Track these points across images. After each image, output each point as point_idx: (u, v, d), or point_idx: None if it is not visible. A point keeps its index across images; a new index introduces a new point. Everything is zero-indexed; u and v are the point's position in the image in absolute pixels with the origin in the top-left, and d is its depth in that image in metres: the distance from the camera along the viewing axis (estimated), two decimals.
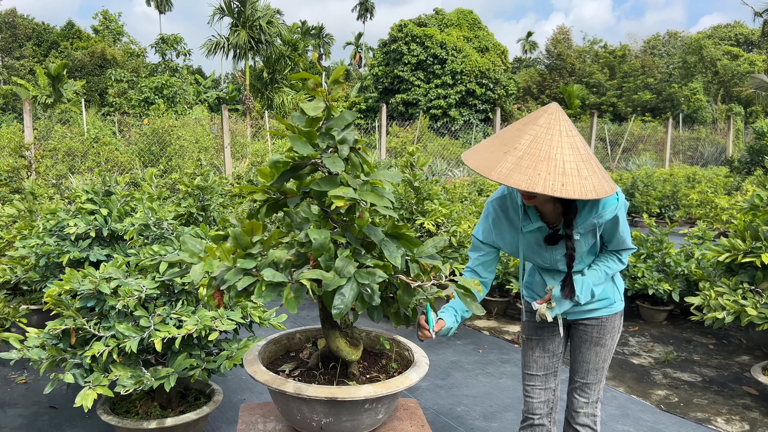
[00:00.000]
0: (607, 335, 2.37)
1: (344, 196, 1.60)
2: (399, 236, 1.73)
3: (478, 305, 1.73)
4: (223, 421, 3.39)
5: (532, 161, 1.82)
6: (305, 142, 1.70)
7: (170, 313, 2.78)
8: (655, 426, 3.36)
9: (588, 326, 2.38)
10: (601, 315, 2.35)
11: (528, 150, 1.84)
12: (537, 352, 2.47)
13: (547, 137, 1.87)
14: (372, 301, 1.61)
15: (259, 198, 1.80)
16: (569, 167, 1.83)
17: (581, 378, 2.44)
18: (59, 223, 3.87)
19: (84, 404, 2.48)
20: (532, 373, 2.49)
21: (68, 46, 37.12)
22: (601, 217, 2.10)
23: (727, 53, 35.69)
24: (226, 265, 1.57)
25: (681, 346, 4.70)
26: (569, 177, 1.81)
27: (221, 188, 6.47)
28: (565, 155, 1.85)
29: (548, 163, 1.82)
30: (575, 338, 2.44)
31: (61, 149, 11.74)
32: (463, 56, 30.02)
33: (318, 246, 1.59)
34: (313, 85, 1.75)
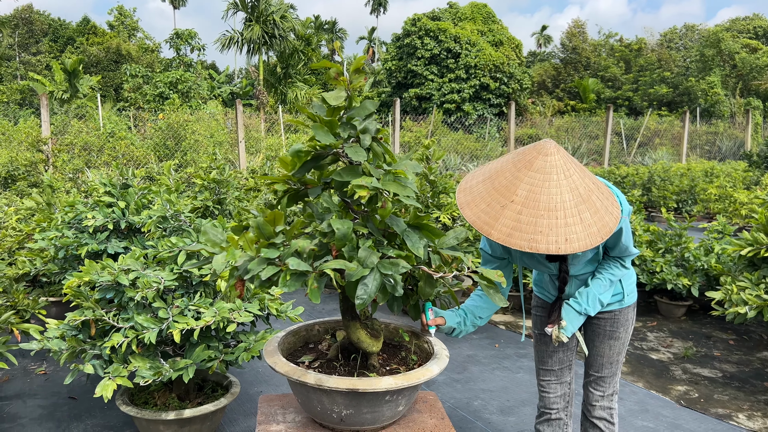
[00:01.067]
0: (621, 328, 2.36)
1: (367, 186, 1.59)
2: (421, 227, 1.72)
3: (501, 297, 1.70)
4: (240, 413, 3.40)
5: (532, 216, 1.77)
6: (327, 131, 1.68)
7: (188, 305, 2.78)
8: (675, 422, 3.32)
9: (601, 320, 2.36)
10: (614, 309, 2.34)
11: (526, 202, 1.79)
12: (551, 346, 2.45)
13: (544, 185, 1.81)
14: (395, 291, 1.60)
15: (280, 188, 1.79)
16: (570, 215, 1.79)
17: (596, 371, 2.42)
18: (77, 215, 3.89)
19: (104, 395, 2.49)
20: (547, 368, 2.48)
21: (84, 42, 37.41)
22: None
23: (745, 46, 35.19)
24: (249, 255, 1.56)
25: (700, 341, 4.64)
26: (572, 227, 1.78)
27: (237, 182, 6.49)
28: (565, 201, 1.80)
29: (549, 216, 1.77)
30: (589, 332, 2.42)
31: (77, 144, 11.83)
32: (477, 50, 29.86)
33: (341, 236, 1.58)
34: (334, 74, 1.73)
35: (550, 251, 1.75)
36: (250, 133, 16.55)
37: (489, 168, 1.98)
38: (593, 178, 1.94)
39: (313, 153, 1.73)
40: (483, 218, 1.84)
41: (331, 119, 1.70)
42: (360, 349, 1.92)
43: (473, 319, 2.25)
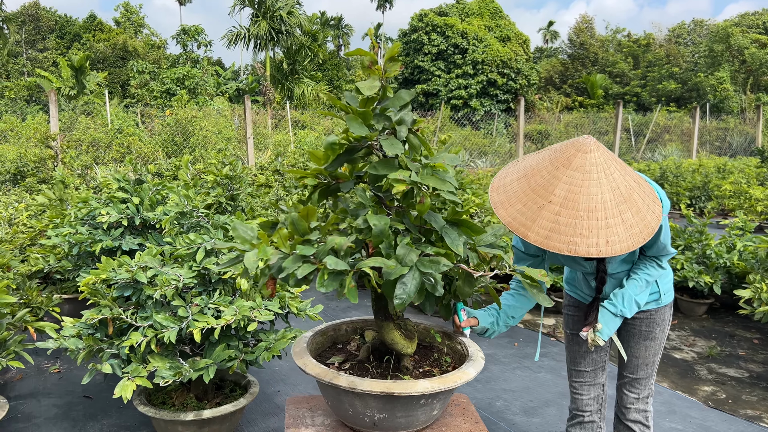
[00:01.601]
0: (657, 328, 2.28)
1: (405, 180, 1.51)
2: (460, 223, 1.64)
3: (545, 297, 1.62)
4: (258, 413, 3.33)
5: (571, 217, 1.70)
6: (361, 122, 1.61)
7: (208, 303, 2.72)
8: (704, 423, 3.24)
9: (636, 320, 2.27)
10: (650, 308, 2.26)
11: (565, 203, 1.72)
12: (584, 346, 2.37)
13: (584, 184, 1.73)
14: (435, 291, 1.52)
15: (310, 183, 1.71)
16: (611, 216, 1.71)
17: (631, 373, 2.34)
18: (91, 212, 3.83)
19: (123, 395, 2.43)
20: (580, 369, 2.40)
21: (90, 38, 37.43)
22: None
23: (755, 41, 34.89)
24: (282, 252, 1.49)
25: (724, 340, 4.55)
26: (613, 228, 1.70)
27: (248, 178, 6.42)
28: (606, 201, 1.72)
29: (589, 217, 1.70)
30: (623, 333, 2.33)
31: (85, 140, 11.80)
32: (485, 46, 29.71)
33: (378, 232, 1.50)
34: (368, 62, 1.65)
35: (591, 254, 1.68)
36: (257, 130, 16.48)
37: (523, 165, 1.90)
38: (634, 175, 1.86)
39: (347, 146, 1.65)
40: (519, 219, 1.76)
41: (364, 110, 1.62)
42: (394, 350, 1.85)
43: (506, 318, 2.17)
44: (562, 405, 3.45)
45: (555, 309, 5.28)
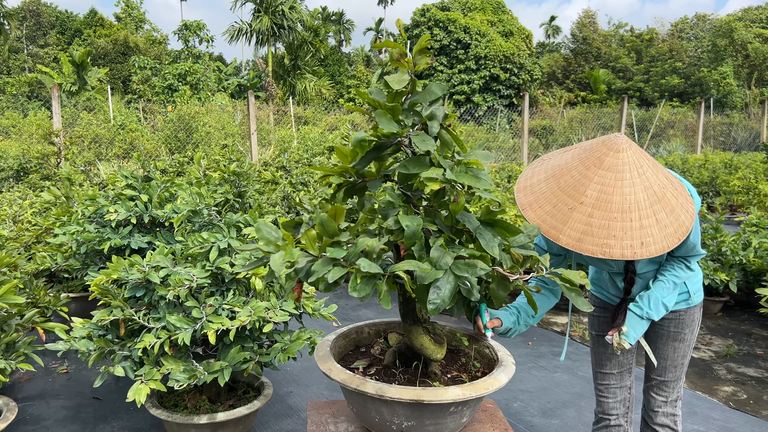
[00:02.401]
0: (686, 329, 2.20)
1: (438, 178, 1.44)
2: (494, 223, 1.56)
3: (584, 301, 1.55)
4: (271, 414, 3.27)
5: (604, 219, 1.65)
6: (390, 118, 1.53)
7: (222, 304, 2.65)
8: (727, 425, 3.17)
9: (665, 320, 2.20)
10: (679, 308, 2.18)
11: (597, 204, 1.67)
12: (610, 349, 2.30)
13: (617, 184, 1.68)
14: (470, 296, 1.45)
15: (335, 181, 1.64)
16: (645, 216, 1.66)
17: (659, 375, 2.26)
18: (99, 209, 3.76)
19: (137, 399, 2.36)
20: (606, 372, 2.33)
21: (91, 34, 37.30)
22: None
23: (758, 36, 34.73)
24: (310, 255, 1.41)
25: (741, 339, 4.48)
26: (647, 230, 1.66)
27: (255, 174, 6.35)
28: (639, 201, 1.67)
29: (623, 219, 1.65)
30: (651, 333, 2.26)
31: (87, 136, 11.73)
32: (487, 41, 29.58)
33: (410, 234, 1.43)
34: (397, 55, 1.58)
35: (625, 257, 1.63)
36: (260, 125, 16.41)
37: (551, 165, 1.83)
38: (666, 173, 1.79)
39: (375, 142, 1.58)
40: (549, 221, 1.71)
41: (394, 105, 1.55)
42: (422, 355, 1.78)
43: (526, 318, 2.10)
44: (581, 406, 3.38)
45: (567, 308, 5.21)
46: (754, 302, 5.00)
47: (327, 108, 27.06)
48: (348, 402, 1.84)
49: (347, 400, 1.83)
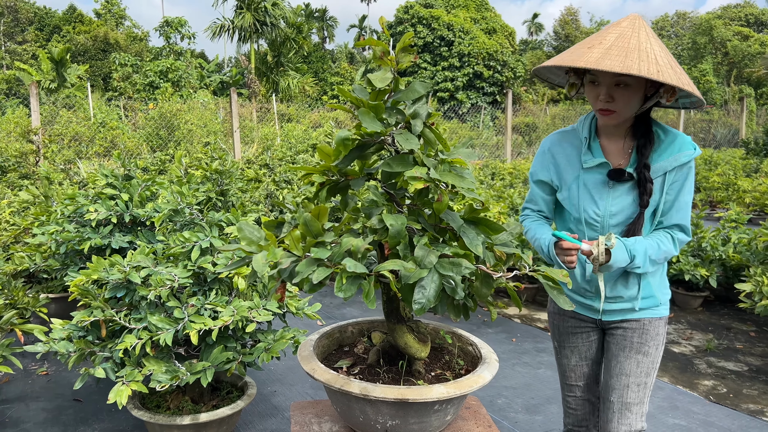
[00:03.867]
0: (651, 342, 1.96)
1: (423, 177, 1.43)
2: (478, 221, 1.56)
3: (565, 299, 1.54)
4: (255, 414, 3.25)
5: (621, 51, 1.67)
6: (374, 117, 1.52)
7: (204, 304, 2.62)
8: (707, 419, 3.21)
9: (627, 330, 1.98)
10: (644, 317, 1.97)
11: (615, 43, 1.70)
12: (573, 360, 2.14)
13: (634, 33, 1.72)
14: (455, 294, 1.44)
15: (318, 180, 1.62)
16: (661, 59, 1.68)
17: (619, 397, 1.97)
18: (78, 209, 3.70)
19: (118, 401, 2.33)
20: (572, 384, 2.18)
21: (70, 31, 36.79)
22: (677, 161, 1.83)
23: (737, 34, 35.20)
24: (294, 255, 1.40)
25: (721, 333, 4.54)
26: (663, 67, 1.66)
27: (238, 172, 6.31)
28: (655, 50, 1.70)
29: (639, 53, 1.67)
30: (611, 346, 2.02)
31: (67, 134, 11.57)
32: (471, 38, 29.65)
33: (395, 233, 1.42)
34: (380, 53, 1.57)
35: (642, 72, 1.61)
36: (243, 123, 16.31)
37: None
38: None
39: (359, 141, 1.57)
40: (567, 58, 1.76)
41: (377, 104, 1.54)
42: (406, 354, 1.77)
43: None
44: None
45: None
46: (734, 297, 5.07)
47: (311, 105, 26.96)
48: (332, 402, 1.83)
49: (331, 400, 1.83)
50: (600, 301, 1.99)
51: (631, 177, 1.86)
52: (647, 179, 1.83)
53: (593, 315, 2.04)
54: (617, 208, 1.90)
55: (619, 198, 1.90)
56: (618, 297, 1.97)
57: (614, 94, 1.78)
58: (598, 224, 1.94)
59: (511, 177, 9.25)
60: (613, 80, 1.76)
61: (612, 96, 1.78)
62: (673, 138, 1.86)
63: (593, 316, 2.05)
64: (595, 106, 1.84)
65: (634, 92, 1.78)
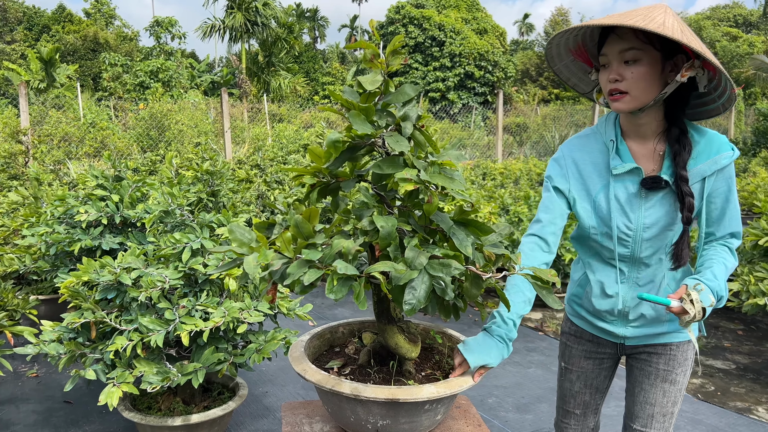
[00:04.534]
0: (679, 368, 1.80)
1: (413, 179, 1.45)
2: (467, 223, 1.58)
3: (554, 298, 1.54)
4: (246, 415, 3.25)
5: (639, 14, 1.52)
6: (365, 119, 1.53)
7: (195, 305, 2.63)
8: (695, 416, 3.25)
9: (653, 355, 1.82)
10: (671, 342, 1.80)
11: (630, 12, 1.54)
12: (577, 386, 2.01)
13: (659, 10, 1.55)
14: (445, 295, 1.46)
15: (309, 182, 1.63)
16: (682, 28, 1.52)
17: (643, 426, 1.84)
18: (68, 210, 3.69)
19: (109, 402, 2.33)
20: (568, 410, 2.05)
21: (60, 30, 36.55)
22: (716, 164, 1.63)
23: (726, 34, 35.49)
24: (285, 257, 1.41)
25: (709, 331, 4.59)
26: (688, 35, 1.50)
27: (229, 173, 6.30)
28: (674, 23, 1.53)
29: (664, 19, 1.50)
30: (636, 372, 1.88)
31: (56, 135, 11.50)
32: (462, 38, 29.72)
33: (385, 234, 1.43)
34: (370, 56, 1.58)
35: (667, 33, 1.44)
36: (234, 123, 16.27)
37: None
38: None
39: (350, 143, 1.58)
40: (582, 25, 1.62)
41: (367, 106, 1.55)
42: (397, 355, 1.78)
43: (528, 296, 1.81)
44: (554, 401, 3.42)
45: (542, 303, 5.27)
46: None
47: (302, 105, 26.93)
48: (323, 402, 1.84)
49: (322, 401, 1.83)
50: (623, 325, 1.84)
51: (667, 184, 1.67)
52: (687, 193, 1.63)
53: (615, 340, 1.89)
54: (651, 220, 1.70)
55: (652, 209, 1.70)
56: (641, 317, 1.80)
57: (623, 72, 1.60)
58: (630, 239, 1.75)
59: (502, 177, 9.28)
60: (621, 56, 1.59)
61: (621, 74, 1.60)
62: (710, 139, 1.67)
63: (614, 341, 1.90)
64: (606, 89, 1.66)
65: (648, 70, 1.58)
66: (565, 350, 2.04)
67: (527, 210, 5.30)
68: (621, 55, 1.59)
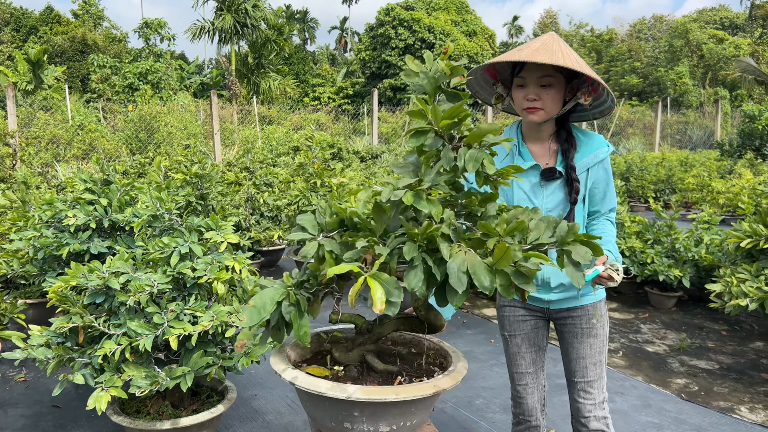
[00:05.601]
0: (598, 324, 2.20)
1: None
2: None
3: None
4: (235, 418, 3.27)
5: (547, 51, 1.91)
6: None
7: (184, 309, 2.64)
8: (679, 416, 3.30)
9: (576, 318, 2.20)
10: (587, 303, 2.18)
11: (541, 47, 1.94)
12: (523, 347, 2.29)
13: (555, 43, 1.97)
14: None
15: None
16: (580, 62, 1.95)
17: (581, 377, 2.21)
18: (56, 214, 3.69)
19: (97, 407, 2.34)
20: (523, 371, 2.31)
21: (48, 31, 36.28)
22: (596, 158, 2.08)
23: (712, 37, 35.80)
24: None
25: (694, 332, 4.65)
26: (582, 66, 1.93)
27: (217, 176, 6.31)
28: (573, 55, 1.96)
29: (562, 54, 1.91)
30: (564, 333, 2.25)
31: (44, 137, 11.43)
32: (451, 40, 29.79)
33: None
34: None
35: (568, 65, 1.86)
36: (223, 125, 16.23)
37: None
38: None
39: None
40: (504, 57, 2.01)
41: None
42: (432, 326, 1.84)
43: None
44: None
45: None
46: (706, 297, 5.17)
47: (292, 107, 26.89)
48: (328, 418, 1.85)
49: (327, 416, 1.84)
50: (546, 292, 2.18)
51: (560, 175, 2.09)
52: (574, 179, 2.08)
53: (541, 305, 2.22)
54: (552, 204, 2.11)
55: (551, 195, 2.12)
56: (560, 285, 2.15)
57: (540, 93, 2.00)
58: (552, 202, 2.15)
59: None
60: (539, 81, 1.99)
61: (538, 95, 2.00)
62: (590, 138, 2.11)
63: (542, 306, 2.23)
64: (522, 105, 2.04)
65: (557, 92, 2.01)
66: (505, 320, 2.33)
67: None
68: (539, 80, 1.99)
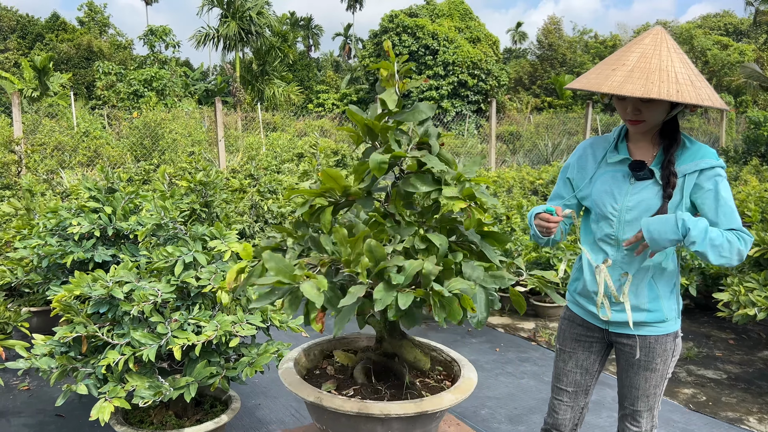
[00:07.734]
0: (658, 359, 2.03)
1: (461, 197, 1.47)
2: (485, 234, 1.61)
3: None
4: (239, 428, 3.25)
5: (643, 73, 1.78)
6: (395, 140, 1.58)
7: (188, 319, 2.63)
8: (687, 427, 3.26)
9: (633, 347, 2.04)
10: (649, 334, 2.01)
11: (637, 65, 1.80)
12: (569, 365, 2.21)
13: (655, 53, 1.83)
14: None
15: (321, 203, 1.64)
16: (681, 78, 1.78)
17: (630, 404, 2.13)
18: (61, 222, 3.69)
19: (101, 417, 2.33)
20: (562, 387, 2.25)
21: (53, 39, 36.51)
22: (696, 166, 1.89)
23: (717, 43, 35.76)
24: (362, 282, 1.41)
25: (701, 341, 4.61)
26: (683, 86, 1.77)
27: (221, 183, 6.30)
28: (676, 67, 1.80)
29: (660, 74, 1.77)
30: (620, 359, 2.13)
31: (50, 144, 11.46)
32: (455, 47, 29.83)
33: (444, 253, 1.46)
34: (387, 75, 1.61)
35: (662, 96, 1.72)
36: (227, 132, 16.25)
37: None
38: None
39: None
40: (593, 80, 1.86)
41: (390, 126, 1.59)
42: (414, 368, 1.81)
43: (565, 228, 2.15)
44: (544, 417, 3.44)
45: (534, 313, 5.29)
46: (713, 305, 5.13)
47: (296, 114, 26.95)
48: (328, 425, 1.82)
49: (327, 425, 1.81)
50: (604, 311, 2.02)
51: (651, 174, 1.94)
52: (672, 173, 1.90)
53: (600, 325, 2.10)
54: (634, 202, 1.95)
55: (637, 194, 1.96)
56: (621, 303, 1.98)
57: (641, 108, 1.89)
58: (615, 218, 1.99)
59: (495, 186, 9.32)
60: (638, 101, 1.87)
61: (639, 110, 1.89)
62: (698, 148, 1.95)
63: (600, 326, 2.10)
64: (624, 117, 1.95)
65: (659, 105, 1.87)
66: (561, 333, 2.26)
67: (520, 220, 5.31)
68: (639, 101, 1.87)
